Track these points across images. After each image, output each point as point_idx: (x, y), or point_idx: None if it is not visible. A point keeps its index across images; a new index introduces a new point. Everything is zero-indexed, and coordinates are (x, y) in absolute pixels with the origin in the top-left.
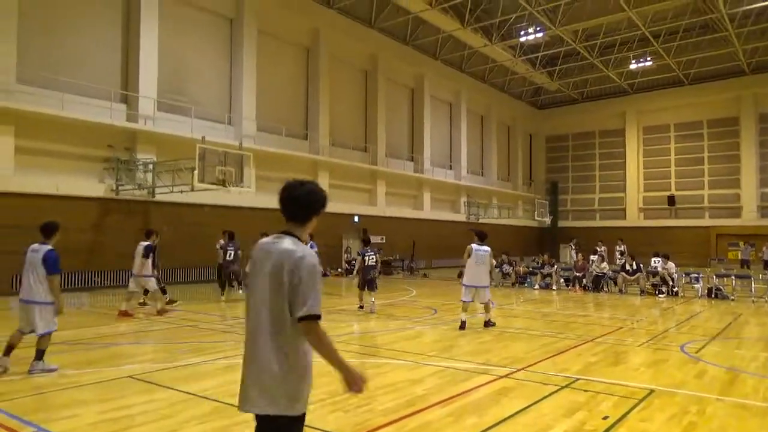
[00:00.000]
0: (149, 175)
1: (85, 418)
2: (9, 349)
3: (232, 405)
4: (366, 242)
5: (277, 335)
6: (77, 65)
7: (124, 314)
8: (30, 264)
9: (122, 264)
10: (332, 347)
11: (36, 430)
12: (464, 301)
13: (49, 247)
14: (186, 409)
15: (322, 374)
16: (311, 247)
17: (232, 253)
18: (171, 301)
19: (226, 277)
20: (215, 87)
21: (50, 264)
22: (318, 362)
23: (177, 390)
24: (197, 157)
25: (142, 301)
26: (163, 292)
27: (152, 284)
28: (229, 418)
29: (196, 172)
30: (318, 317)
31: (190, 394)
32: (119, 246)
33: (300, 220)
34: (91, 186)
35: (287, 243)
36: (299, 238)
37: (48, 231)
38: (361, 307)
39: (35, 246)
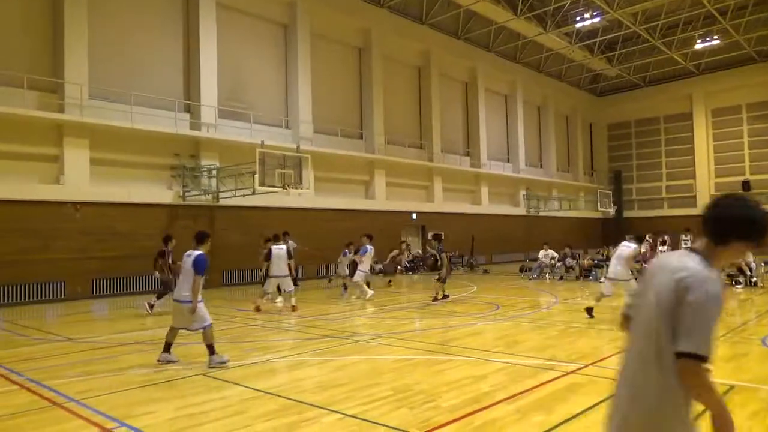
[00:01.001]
0: (213, 181)
1: (162, 414)
2: (168, 346)
3: (299, 402)
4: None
5: (654, 367)
6: (143, 78)
7: (258, 309)
8: (184, 267)
9: None
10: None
11: (118, 425)
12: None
13: (200, 252)
14: (255, 405)
15: (385, 371)
16: (363, 251)
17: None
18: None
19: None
20: (272, 92)
21: (197, 266)
22: (379, 360)
23: (246, 387)
24: (257, 161)
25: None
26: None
27: (288, 283)
28: (297, 415)
29: (256, 175)
30: (703, 358)
31: (259, 391)
32: (186, 249)
33: (714, 240)
34: (160, 193)
35: (685, 260)
36: (706, 259)
37: (200, 238)
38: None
39: (189, 251)
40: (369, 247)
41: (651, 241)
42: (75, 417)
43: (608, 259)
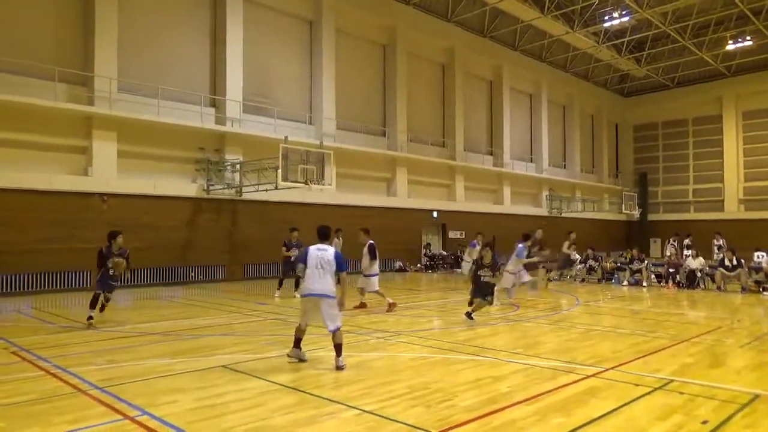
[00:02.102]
0: (237, 175)
1: (183, 404)
2: (298, 341)
3: (317, 396)
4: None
5: None
6: (170, 73)
7: (362, 306)
8: (318, 261)
9: (213, 259)
10: None
11: (140, 413)
12: None
13: (333, 248)
14: (274, 399)
15: (403, 369)
16: (472, 245)
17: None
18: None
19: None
20: (296, 87)
21: (341, 263)
22: (397, 357)
23: (266, 380)
24: (280, 156)
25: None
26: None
27: (372, 284)
28: (315, 409)
29: (279, 171)
30: None
31: (278, 384)
32: (210, 242)
33: None
34: (185, 186)
35: None
36: None
37: (326, 233)
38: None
39: (319, 245)
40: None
41: (675, 243)
42: (98, 404)
43: (631, 261)
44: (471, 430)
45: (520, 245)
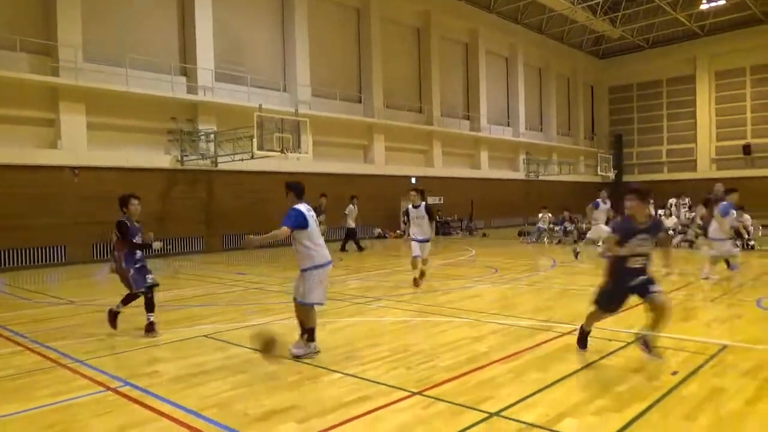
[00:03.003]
0: (211, 145)
1: (166, 374)
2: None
3: (299, 362)
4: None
5: None
6: (138, 41)
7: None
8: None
9: (191, 231)
10: None
11: (122, 384)
12: None
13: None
14: (258, 366)
15: (383, 333)
16: (595, 205)
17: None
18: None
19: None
20: (270, 54)
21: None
22: (378, 321)
23: (249, 348)
24: (255, 125)
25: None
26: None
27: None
28: (297, 375)
29: (254, 140)
30: None
31: (261, 351)
32: (187, 214)
33: None
34: (158, 157)
35: None
36: None
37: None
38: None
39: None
40: (598, 201)
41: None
42: (80, 377)
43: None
44: (450, 389)
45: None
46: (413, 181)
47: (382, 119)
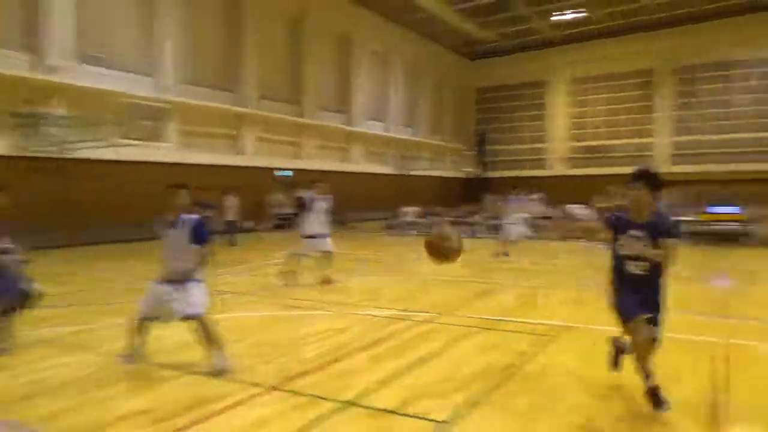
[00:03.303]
0: (62, 131)
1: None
2: None
3: (155, 364)
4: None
5: None
6: None
7: None
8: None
9: (44, 225)
10: None
11: None
12: None
13: None
14: (108, 371)
15: (248, 328)
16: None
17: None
18: None
19: None
20: (135, 37)
21: None
22: (245, 316)
23: (99, 354)
24: (116, 111)
25: None
26: None
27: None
28: (148, 379)
29: (114, 126)
30: None
31: (112, 356)
32: (34, 205)
33: None
34: None
35: None
36: None
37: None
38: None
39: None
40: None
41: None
42: None
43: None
44: (310, 380)
45: None
46: (290, 174)
47: (253, 110)
